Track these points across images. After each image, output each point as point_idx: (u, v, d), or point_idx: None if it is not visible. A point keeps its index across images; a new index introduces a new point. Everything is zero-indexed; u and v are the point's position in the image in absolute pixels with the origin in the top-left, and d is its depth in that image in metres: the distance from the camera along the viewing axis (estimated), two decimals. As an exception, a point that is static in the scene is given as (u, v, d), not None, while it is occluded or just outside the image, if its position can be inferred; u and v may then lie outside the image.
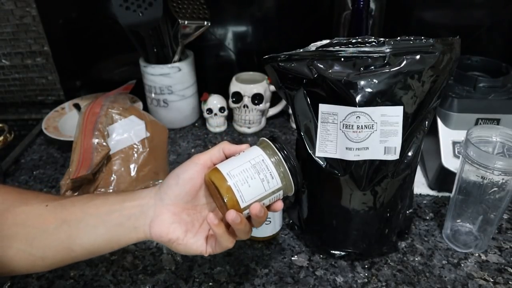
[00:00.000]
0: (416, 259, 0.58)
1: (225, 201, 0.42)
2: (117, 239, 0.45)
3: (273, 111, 0.94)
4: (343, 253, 0.58)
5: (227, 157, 0.46)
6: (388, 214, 0.54)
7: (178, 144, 0.89)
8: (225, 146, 0.46)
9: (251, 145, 0.47)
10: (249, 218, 0.45)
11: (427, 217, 0.66)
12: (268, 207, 0.46)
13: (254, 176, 0.43)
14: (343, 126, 0.49)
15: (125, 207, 0.45)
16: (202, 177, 0.45)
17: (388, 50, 0.47)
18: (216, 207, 0.47)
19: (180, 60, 0.87)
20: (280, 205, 0.46)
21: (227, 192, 0.42)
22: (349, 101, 0.47)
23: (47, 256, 0.44)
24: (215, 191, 0.44)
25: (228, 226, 0.44)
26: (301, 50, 0.50)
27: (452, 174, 0.63)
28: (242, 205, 0.43)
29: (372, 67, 0.47)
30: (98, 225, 0.44)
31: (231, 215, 0.42)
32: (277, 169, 0.44)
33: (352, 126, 0.48)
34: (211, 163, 0.45)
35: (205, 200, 0.46)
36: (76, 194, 0.64)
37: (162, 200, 0.44)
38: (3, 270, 0.44)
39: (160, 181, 0.68)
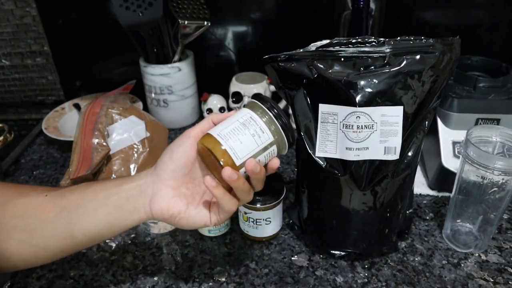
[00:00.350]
0: (416, 259, 0.58)
1: (219, 160, 0.42)
2: (118, 222, 0.45)
3: (273, 111, 0.94)
4: (343, 253, 0.58)
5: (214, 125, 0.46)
6: (388, 214, 0.54)
7: (178, 144, 0.89)
8: (214, 116, 0.46)
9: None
10: (248, 179, 0.44)
11: (427, 217, 0.66)
12: (265, 167, 0.45)
13: (245, 132, 0.43)
14: (343, 126, 0.49)
15: (123, 189, 0.45)
16: (195, 149, 0.45)
17: (388, 50, 0.47)
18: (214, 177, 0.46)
19: (180, 60, 0.87)
20: (276, 162, 0.46)
21: (220, 152, 0.42)
22: (349, 101, 0.47)
23: (49, 245, 0.44)
24: (209, 156, 0.43)
25: (228, 190, 0.44)
26: (301, 50, 0.50)
27: (452, 174, 0.63)
28: (237, 162, 0.42)
29: (372, 67, 0.47)
30: (98, 209, 0.44)
31: (227, 171, 0.41)
32: (268, 126, 0.44)
33: (352, 126, 0.48)
34: (202, 134, 0.45)
35: (201, 173, 0.46)
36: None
37: (159, 176, 0.44)
38: (6, 264, 0.44)
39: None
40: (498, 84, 0.68)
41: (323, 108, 0.50)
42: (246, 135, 0.43)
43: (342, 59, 0.48)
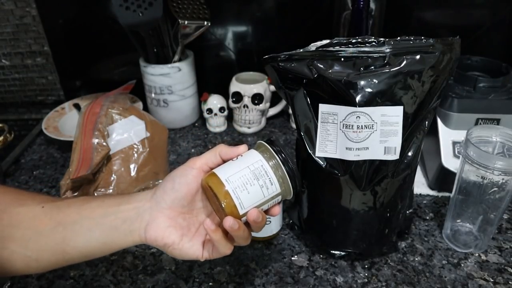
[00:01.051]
0: (416, 259, 0.58)
1: (223, 207, 0.41)
2: (111, 242, 0.44)
3: (273, 111, 0.94)
4: (343, 253, 0.58)
5: (224, 161, 0.45)
6: (388, 214, 0.54)
7: (178, 144, 0.89)
8: (222, 150, 0.44)
9: (249, 147, 0.46)
10: (247, 223, 0.44)
11: (427, 217, 0.66)
12: (266, 212, 0.45)
13: (253, 182, 0.42)
14: (343, 126, 0.49)
15: (121, 210, 0.44)
16: (198, 181, 0.44)
17: (388, 50, 0.47)
18: (212, 211, 0.46)
19: (180, 60, 0.87)
20: (278, 210, 0.46)
21: (225, 198, 0.41)
22: (349, 101, 0.47)
23: (42, 258, 0.44)
24: (212, 196, 0.43)
25: (226, 232, 0.43)
26: (301, 50, 0.50)
27: (452, 174, 0.63)
28: (241, 212, 0.42)
29: (372, 67, 0.47)
30: (93, 228, 0.44)
31: (228, 222, 0.41)
32: (275, 174, 0.43)
33: (352, 126, 0.48)
34: (208, 167, 0.44)
35: (201, 204, 0.46)
36: (76, 194, 0.64)
37: (158, 203, 0.44)
38: None
39: (160, 181, 0.68)
40: (498, 84, 0.68)
41: (323, 108, 0.50)
42: (255, 185, 0.42)
43: (342, 59, 0.48)
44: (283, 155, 0.43)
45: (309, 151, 0.52)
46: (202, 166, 0.44)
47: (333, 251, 0.58)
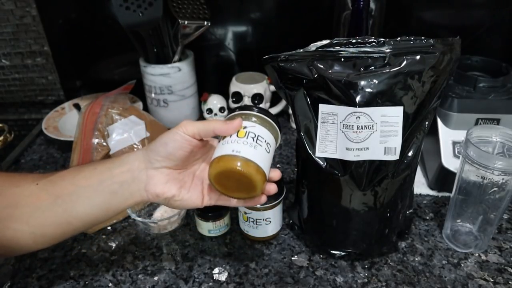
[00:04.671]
0: (416, 259, 0.58)
1: (257, 186, 0.44)
2: (113, 207, 0.46)
3: (273, 111, 0.94)
4: (343, 253, 0.58)
5: (216, 135, 0.47)
6: (388, 214, 0.54)
7: (178, 144, 0.89)
8: (217, 127, 0.45)
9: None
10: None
11: (427, 217, 0.66)
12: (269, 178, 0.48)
13: (263, 150, 0.45)
14: (343, 126, 0.49)
15: (114, 174, 0.46)
16: (191, 145, 0.46)
17: (388, 50, 0.47)
18: (205, 164, 0.49)
19: (180, 60, 0.87)
20: (279, 173, 0.50)
21: (259, 180, 0.44)
22: (349, 101, 0.47)
23: (46, 232, 0.45)
24: (239, 178, 0.44)
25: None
26: (301, 50, 0.50)
27: (452, 174, 0.63)
28: (266, 180, 0.46)
29: (372, 67, 0.47)
30: (92, 196, 0.45)
31: (264, 199, 0.48)
32: (268, 129, 0.47)
33: (352, 127, 0.48)
34: (199, 137, 0.46)
35: (191, 160, 0.48)
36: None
37: (152, 164, 0.46)
38: (5, 250, 0.46)
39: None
40: (498, 84, 0.68)
41: (323, 108, 0.50)
42: (264, 151, 0.45)
43: (342, 59, 0.48)
44: (259, 109, 0.47)
45: (309, 151, 0.52)
46: (194, 134, 0.45)
47: (333, 251, 0.58)
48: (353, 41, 0.48)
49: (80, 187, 0.45)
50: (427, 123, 0.51)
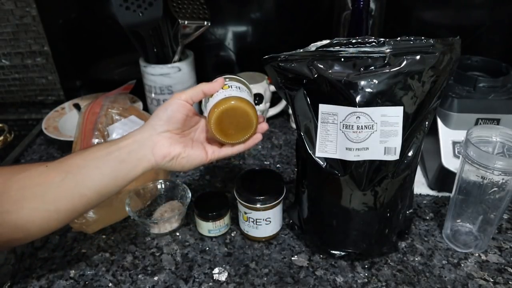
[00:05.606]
0: (416, 259, 0.59)
1: (253, 122, 0.52)
2: (122, 175, 0.49)
3: (273, 111, 0.94)
4: (343, 253, 0.58)
5: (205, 95, 0.53)
6: (388, 214, 0.54)
7: (178, 144, 0.89)
8: (205, 87, 0.52)
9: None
10: None
11: (427, 217, 0.66)
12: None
13: (248, 96, 0.54)
14: (343, 126, 0.49)
15: (121, 146, 0.49)
16: (187, 109, 0.51)
17: (388, 50, 0.47)
18: (204, 129, 0.55)
19: (180, 60, 0.87)
20: (266, 125, 0.56)
21: (254, 113, 0.52)
22: (349, 101, 0.47)
23: (60, 207, 0.48)
24: (239, 116, 0.51)
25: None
26: (301, 50, 0.50)
27: (452, 174, 0.63)
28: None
29: (372, 67, 0.47)
30: (101, 166, 0.48)
31: (259, 137, 0.55)
32: (243, 84, 0.56)
33: (352, 127, 0.48)
34: (191, 101, 0.52)
35: (188, 125, 0.54)
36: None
37: (155, 129, 0.50)
38: (21, 234, 0.48)
39: (160, 181, 0.68)
40: (498, 84, 0.68)
41: (323, 108, 0.50)
42: (248, 96, 0.54)
43: (342, 59, 0.48)
44: (235, 76, 0.57)
45: (309, 151, 0.52)
46: (187, 99, 0.51)
47: (333, 251, 0.58)
48: (353, 41, 0.48)
49: (88, 161, 0.48)
50: (427, 123, 0.51)
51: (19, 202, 0.46)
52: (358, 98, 0.47)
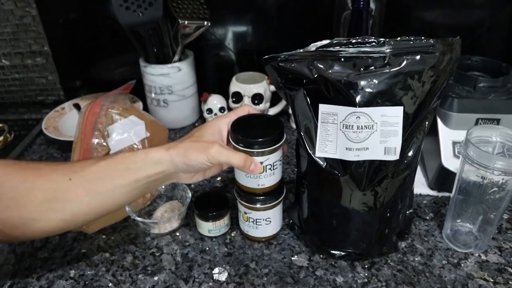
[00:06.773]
0: (416, 259, 0.59)
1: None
2: (147, 193, 0.60)
3: (273, 111, 0.94)
4: (343, 253, 0.58)
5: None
6: (388, 214, 0.54)
7: (178, 144, 0.89)
8: (239, 167, 0.53)
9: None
10: None
11: (427, 217, 0.66)
12: None
13: (278, 169, 0.58)
14: (343, 126, 0.49)
15: (150, 175, 0.51)
16: (208, 167, 0.53)
17: (388, 50, 0.47)
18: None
19: (180, 60, 0.87)
20: None
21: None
22: (349, 101, 0.47)
23: (78, 220, 0.50)
24: None
25: None
26: (301, 50, 0.50)
27: (452, 174, 0.63)
28: None
29: (372, 67, 0.47)
30: (131, 192, 0.51)
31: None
32: (278, 149, 0.56)
33: (352, 127, 0.48)
34: (220, 166, 0.58)
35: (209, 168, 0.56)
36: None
37: (177, 171, 0.52)
38: (36, 236, 0.53)
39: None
40: (498, 84, 0.68)
41: (323, 108, 0.50)
42: (278, 169, 0.58)
43: (342, 59, 0.48)
44: (270, 140, 0.54)
45: (309, 151, 0.52)
46: (215, 164, 0.52)
47: (333, 251, 0.58)
48: (353, 41, 0.48)
49: (118, 186, 0.50)
50: (427, 123, 0.51)
51: (47, 213, 0.48)
52: (358, 98, 0.47)
